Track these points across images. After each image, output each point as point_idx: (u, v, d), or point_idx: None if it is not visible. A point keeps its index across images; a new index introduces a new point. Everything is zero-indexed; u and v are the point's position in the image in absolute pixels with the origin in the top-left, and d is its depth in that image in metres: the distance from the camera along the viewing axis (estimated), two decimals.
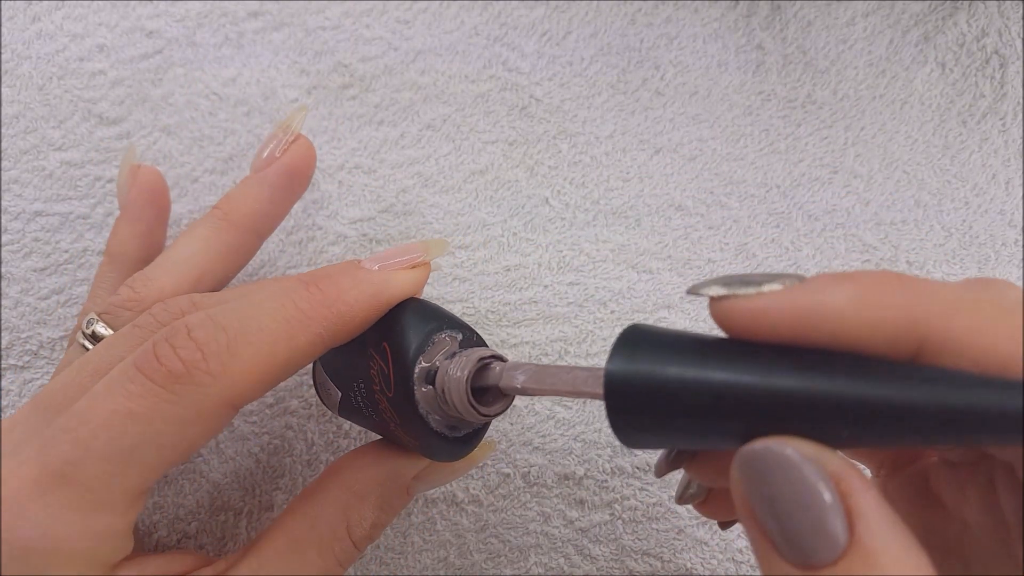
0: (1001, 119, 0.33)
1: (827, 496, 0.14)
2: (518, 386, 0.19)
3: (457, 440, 0.22)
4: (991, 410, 0.13)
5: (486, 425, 0.22)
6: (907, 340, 0.14)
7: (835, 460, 0.14)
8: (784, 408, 0.14)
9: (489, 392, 0.21)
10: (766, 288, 0.15)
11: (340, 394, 0.24)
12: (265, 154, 0.27)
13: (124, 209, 0.27)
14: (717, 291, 0.15)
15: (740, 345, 0.15)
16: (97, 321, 0.23)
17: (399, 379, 0.21)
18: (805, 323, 0.14)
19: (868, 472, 0.22)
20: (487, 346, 0.22)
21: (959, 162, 0.33)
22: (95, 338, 0.23)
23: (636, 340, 0.16)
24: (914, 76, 0.33)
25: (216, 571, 0.21)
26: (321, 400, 0.26)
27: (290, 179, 0.26)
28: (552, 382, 0.19)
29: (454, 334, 0.21)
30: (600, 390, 0.17)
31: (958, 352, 0.14)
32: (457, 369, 0.20)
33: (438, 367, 0.21)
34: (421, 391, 0.21)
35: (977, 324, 0.14)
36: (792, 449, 0.14)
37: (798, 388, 0.14)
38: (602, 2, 0.33)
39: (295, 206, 0.31)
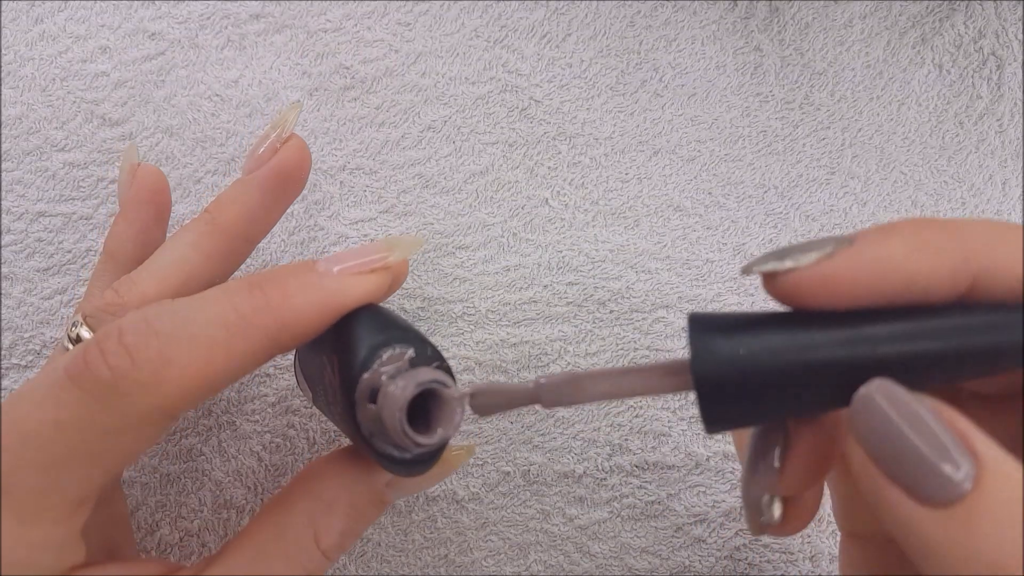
0: (998, 120, 0.33)
1: (950, 429, 0.14)
2: (566, 401, 0.18)
3: (408, 462, 0.20)
4: None
5: (444, 445, 0.20)
6: (963, 276, 0.15)
7: (938, 401, 0.15)
8: (877, 363, 0.15)
9: (436, 416, 0.19)
10: (816, 254, 0.16)
11: (311, 392, 0.23)
12: (256, 155, 0.25)
13: (122, 207, 0.26)
14: (777, 265, 0.16)
15: (807, 313, 0.16)
16: (81, 324, 0.22)
17: (343, 394, 0.19)
18: (869, 280, 0.15)
19: None
20: (442, 360, 0.20)
21: (956, 163, 0.33)
22: (79, 341, 0.22)
23: (708, 327, 0.16)
24: (911, 77, 0.34)
25: None
26: (300, 389, 0.25)
27: (281, 181, 0.25)
28: (607, 388, 0.18)
29: (404, 349, 0.19)
30: (676, 385, 0.17)
31: (1005, 275, 0.15)
32: (395, 388, 0.18)
33: (381, 384, 0.19)
34: (364, 409, 0.19)
35: (1015, 246, 0.15)
36: (903, 390, 0.15)
37: (889, 339, 0.15)
38: (601, 4, 0.33)
39: (296, 206, 0.31)
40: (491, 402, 0.19)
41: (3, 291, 0.30)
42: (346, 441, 0.30)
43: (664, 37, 0.33)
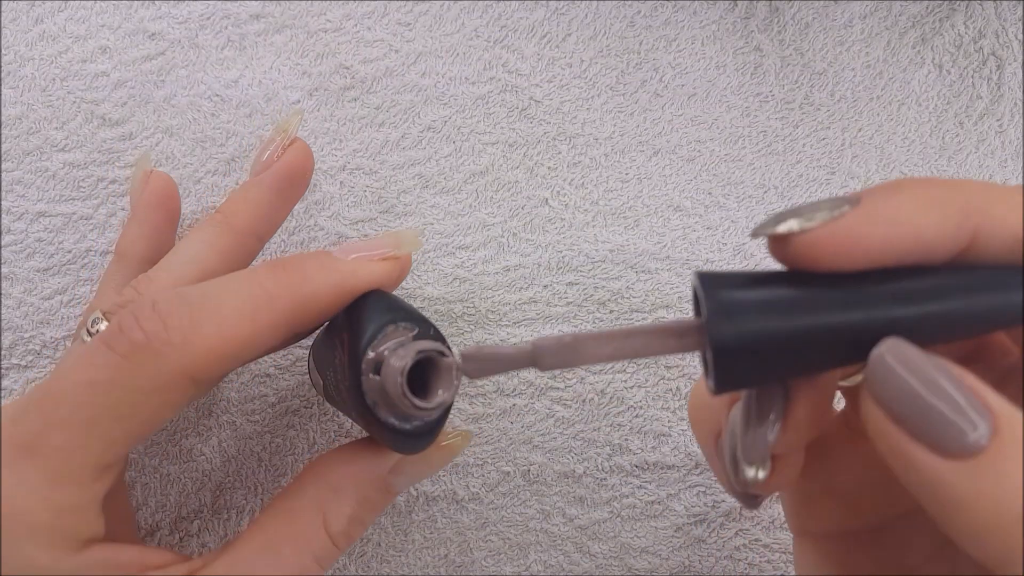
0: (998, 120, 0.33)
1: (963, 385, 0.15)
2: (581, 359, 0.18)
3: (409, 433, 0.21)
4: None
5: (442, 417, 0.22)
6: (965, 230, 0.16)
7: (947, 359, 0.15)
8: (889, 323, 0.16)
9: (434, 384, 0.20)
10: (825, 214, 0.16)
11: (322, 381, 0.25)
12: (264, 158, 0.27)
13: (134, 211, 0.28)
14: (792, 226, 0.16)
15: (813, 274, 0.16)
16: (101, 320, 0.23)
17: (350, 367, 0.21)
18: (881, 237, 0.16)
19: None
20: (443, 339, 0.21)
21: (956, 163, 0.33)
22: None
23: (721, 287, 0.16)
24: (911, 78, 0.34)
25: (191, 569, 0.21)
26: (313, 386, 0.26)
27: (289, 182, 0.27)
28: (610, 351, 0.18)
29: (409, 327, 0.21)
30: (682, 347, 0.17)
31: (1003, 232, 0.16)
32: (396, 359, 0.20)
33: (385, 357, 0.20)
34: (368, 380, 0.20)
35: (1014, 204, 0.16)
36: (915, 349, 0.15)
37: (899, 299, 0.16)
38: (601, 4, 0.33)
39: (297, 207, 0.31)
40: (484, 367, 0.19)
41: (3, 291, 0.30)
42: (348, 440, 0.30)
43: (664, 37, 0.33)
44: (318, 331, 0.25)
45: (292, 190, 0.27)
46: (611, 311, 0.31)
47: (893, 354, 0.15)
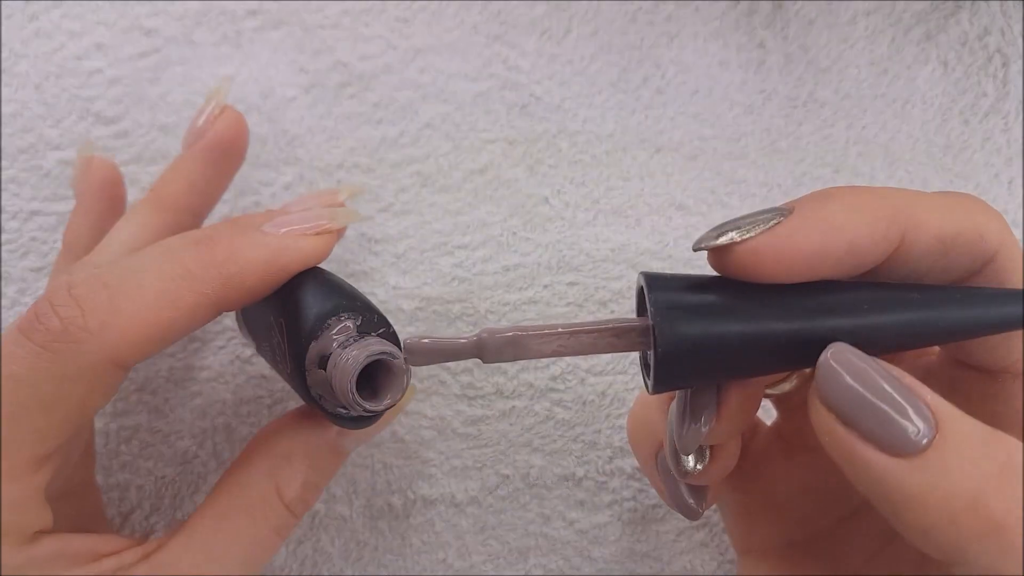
0: (1003, 118, 0.33)
1: (905, 382, 0.16)
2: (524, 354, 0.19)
3: (353, 418, 0.21)
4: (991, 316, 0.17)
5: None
6: (894, 233, 0.17)
7: (886, 362, 0.16)
8: (827, 333, 0.17)
9: (383, 381, 0.20)
10: (761, 226, 0.17)
11: (254, 343, 0.24)
12: (194, 129, 0.26)
13: (78, 200, 0.27)
14: (732, 237, 0.17)
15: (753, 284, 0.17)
16: None
17: (292, 358, 0.20)
18: (815, 244, 0.16)
19: None
20: (388, 326, 0.21)
21: (961, 161, 0.33)
22: None
23: (667, 291, 0.17)
24: (916, 75, 0.33)
25: (147, 550, 0.21)
26: (240, 332, 0.26)
27: (221, 153, 0.26)
28: (554, 348, 0.18)
29: (352, 318, 0.20)
30: (625, 346, 0.18)
31: (927, 234, 0.17)
32: (345, 361, 0.19)
33: (331, 352, 0.20)
34: (313, 374, 0.20)
35: (936, 209, 0.17)
36: (859, 353, 0.16)
37: (834, 310, 0.17)
38: (603, 0, 0.33)
39: None
40: (427, 359, 0.19)
41: None
42: None
43: (666, 33, 0.33)
44: None
45: (226, 161, 0.26)
46: (612, 311, 0.30)
47: (838, 359, 0.16)
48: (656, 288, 0.17)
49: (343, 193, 0.25)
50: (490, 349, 0.18)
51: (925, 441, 0.15)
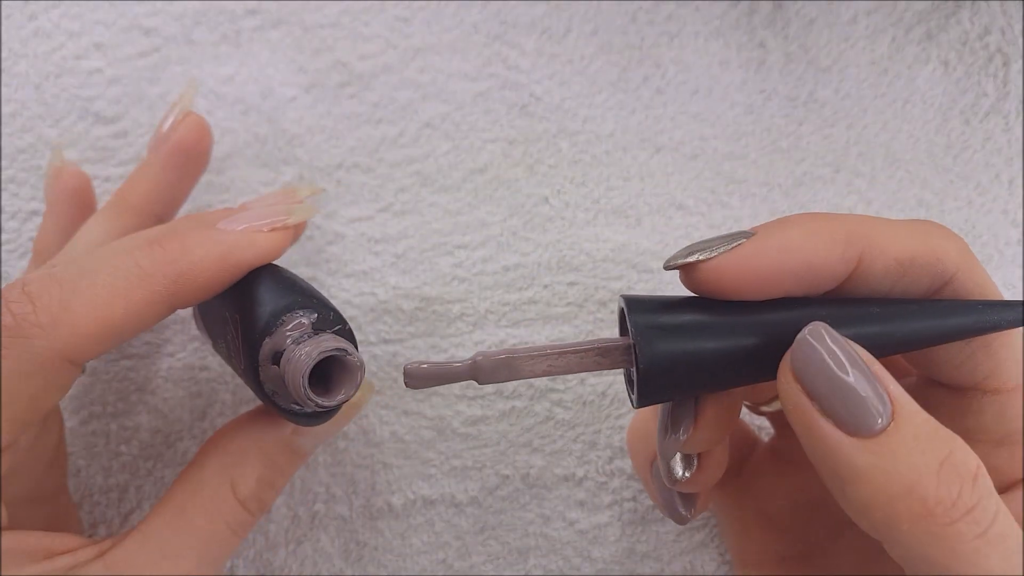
0: (1004, 118, 0.33)
1: (873, 369, 0.17)
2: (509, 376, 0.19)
3: (307, 415, 0.21)
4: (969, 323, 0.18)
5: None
6: (851, 255, 0.18)
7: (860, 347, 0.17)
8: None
9: (338, 378, 0.20)
10: (724, 247, 0.18)
11: (210, 340, 0.24)
12: (158, 134, 0.27)
13: (48, 206, 0.28)
14: (698, 256, 0.18)
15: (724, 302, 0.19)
16: None
17: (246, 355, 0.20)
18: (774, 264, 0.18)
19: None
20: (344, 324, 0.21)
21: (962, 161, 0.33)
22: None
23: (647, 313, 0.19)
24: (917, 74, 0.33)
25: (101, 548, 0.21)
26: (198, 329, 0.26)
27: (184, 158, 0.26)
28: (544, 368, 0.19)
29: (307, 314, 0.20)
30: (610, 365, 0.19)
31: (883, 256, 0.18)
32: (297, 358, 0.19)
33: (285, 348, 0.20)
34: (267, 370, 0.20)
35: (892, 233, 0.18)
36: (838, 334, 0.17)
37: (799, 324, 0.18)
38: (602, 0, 0.33)
39: None
40: (426, 382, 0.20)
41: None
42: (344, 443, 0.29)
43: (667, 33, 0.33)
44: None
45: (189, 166, 0.27)
46: (612, 311, 0.30)
47: (815, 335, 0.17)
48: (636, 310, 0.19)
49: (303, 191, 0.25)
50: (485, 371, 0.19)
51: (879, 425, 0.16)
